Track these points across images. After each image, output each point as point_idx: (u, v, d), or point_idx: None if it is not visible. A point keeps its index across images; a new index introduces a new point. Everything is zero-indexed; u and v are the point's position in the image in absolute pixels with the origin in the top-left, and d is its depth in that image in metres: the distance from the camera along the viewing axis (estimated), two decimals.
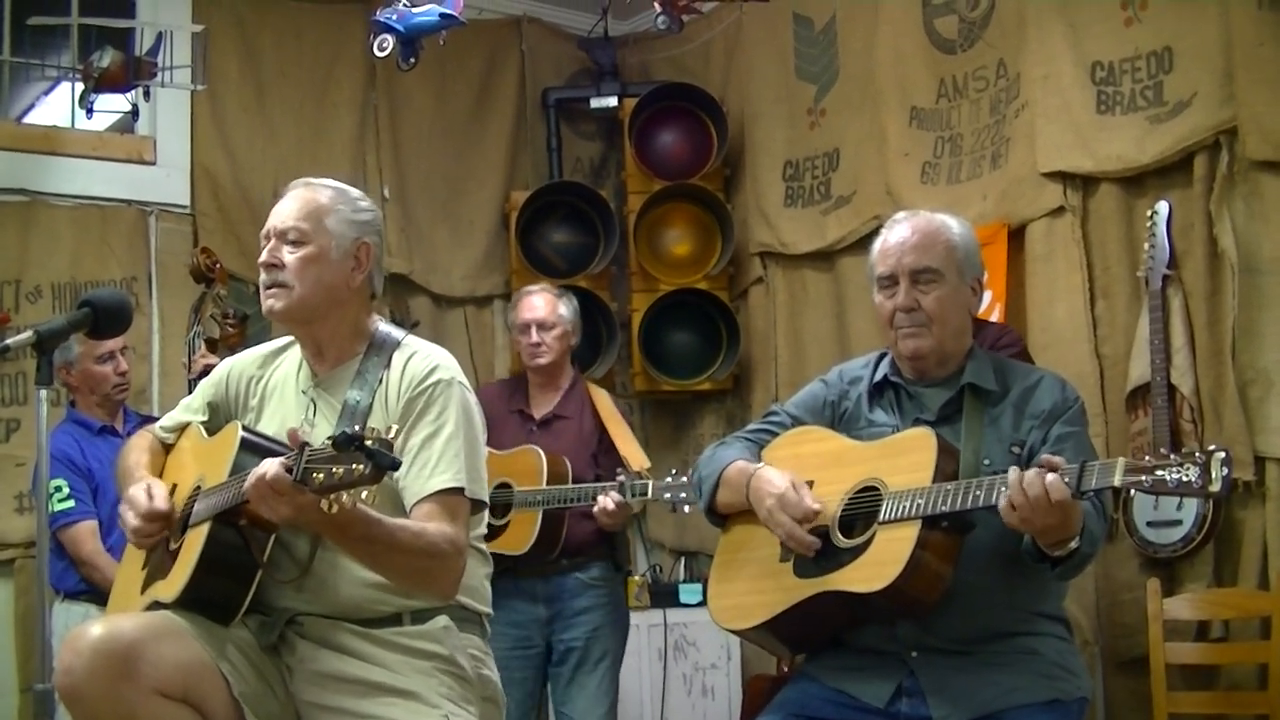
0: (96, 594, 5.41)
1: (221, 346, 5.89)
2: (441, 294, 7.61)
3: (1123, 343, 5.69)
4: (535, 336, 5.83)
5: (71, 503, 5.49)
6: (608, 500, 5.40)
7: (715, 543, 7.26)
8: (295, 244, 3.55)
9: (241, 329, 6.03)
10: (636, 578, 7.23)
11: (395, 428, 2.93)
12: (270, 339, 6.85)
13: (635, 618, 6.54)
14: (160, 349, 6.74)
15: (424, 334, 3.78)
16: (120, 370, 5.74)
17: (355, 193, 3.71)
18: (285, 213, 3.61)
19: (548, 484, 5.56)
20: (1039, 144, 5.98)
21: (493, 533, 5.38)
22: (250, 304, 6.62)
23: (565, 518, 5.60)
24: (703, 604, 6.99)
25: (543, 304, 5.88)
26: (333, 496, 2.86)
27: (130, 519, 3.53)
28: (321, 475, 2.86)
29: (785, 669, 6.70)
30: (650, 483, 5.44)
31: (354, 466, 2.82)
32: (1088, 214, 5.88)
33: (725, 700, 7.16)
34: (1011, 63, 6.23)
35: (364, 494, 2.87)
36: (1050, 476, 3.23)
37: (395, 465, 2.86)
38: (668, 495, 5.41)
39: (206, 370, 5.50)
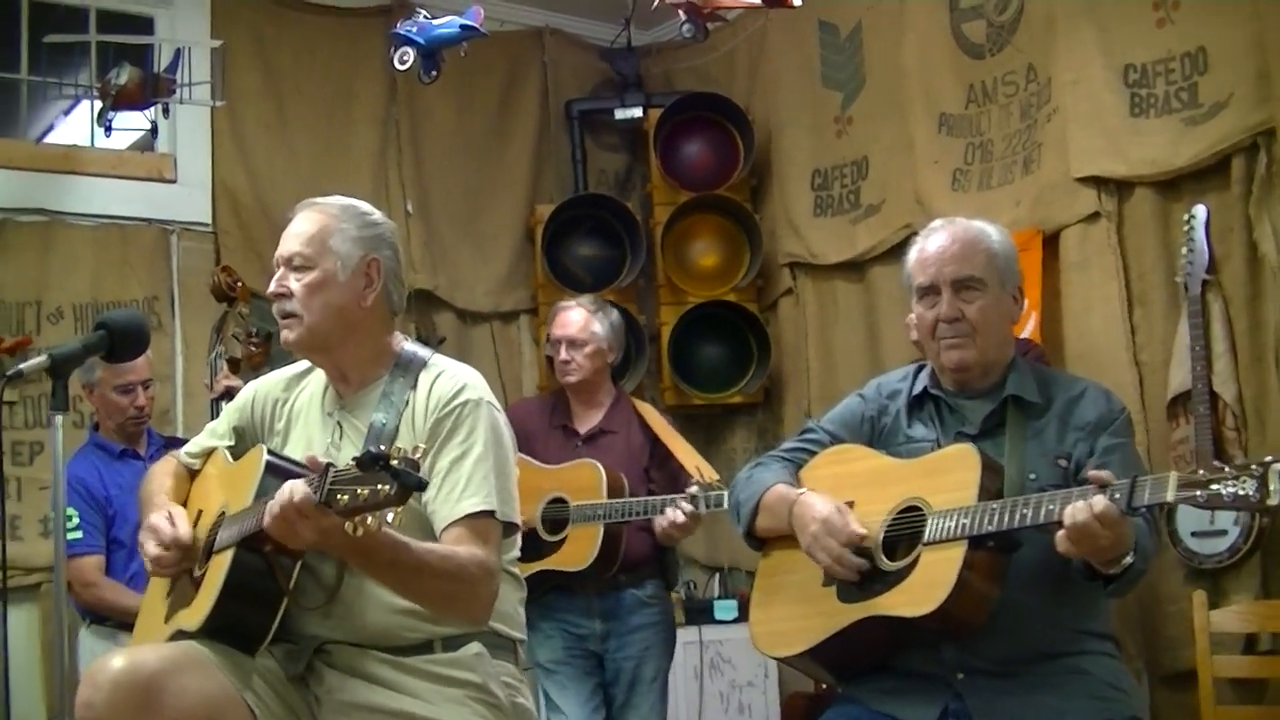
0: (122, 623, 5.30)
1: (244, 366, 5.81)
2: (466, 309, 7.52)
3: (1161, 350, 5.58)
4: (565, 354, 5.72)
5: (79, 534, 5.40)
6: (677, 513, 5.27)
7: (749, 559, 7.36)
8: (300, 270, 3.48)
9: (265, 348, 5.92)
10: (672, 595, 7.09)
11: (421, 446, 2.85)
12: (294, 359, 6.92)
13: None
14: (183, 369, 6.67)
15: (449, 350, 3.69)
16: (137, 404, 5.62)
17: (363, 207, 3.62)
18: (290, 239, 3.53)
19: (608, 498, 5.44)
20: (1071, 149, 5.88)
21: (549, 548, 5.38)
22: (273, 323, 6.54)
23: (624, 533, 5.47)
24: (738, 620, 7.04)
25: (575, 321, 5.75)
26: (358, 519, 2.77)
27: (150, 547, 3.45)
28: (346, 497, 2.77)
29: (824, 687, 6.65)
30: (725, 493, 5.21)
31: (379, 487, 2.73)
32: (1123, 219, 5.77)
33: (763, 718, 7.08)
34: (1041, 67, 6.13)
35: (390, 516, 2.76)
36: (1098, 500, 3.13)
37: (422, 485, 2.77)
38: None
39: (229, 391, 5.50)
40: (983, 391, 3.79)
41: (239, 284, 5.88)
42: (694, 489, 5.31)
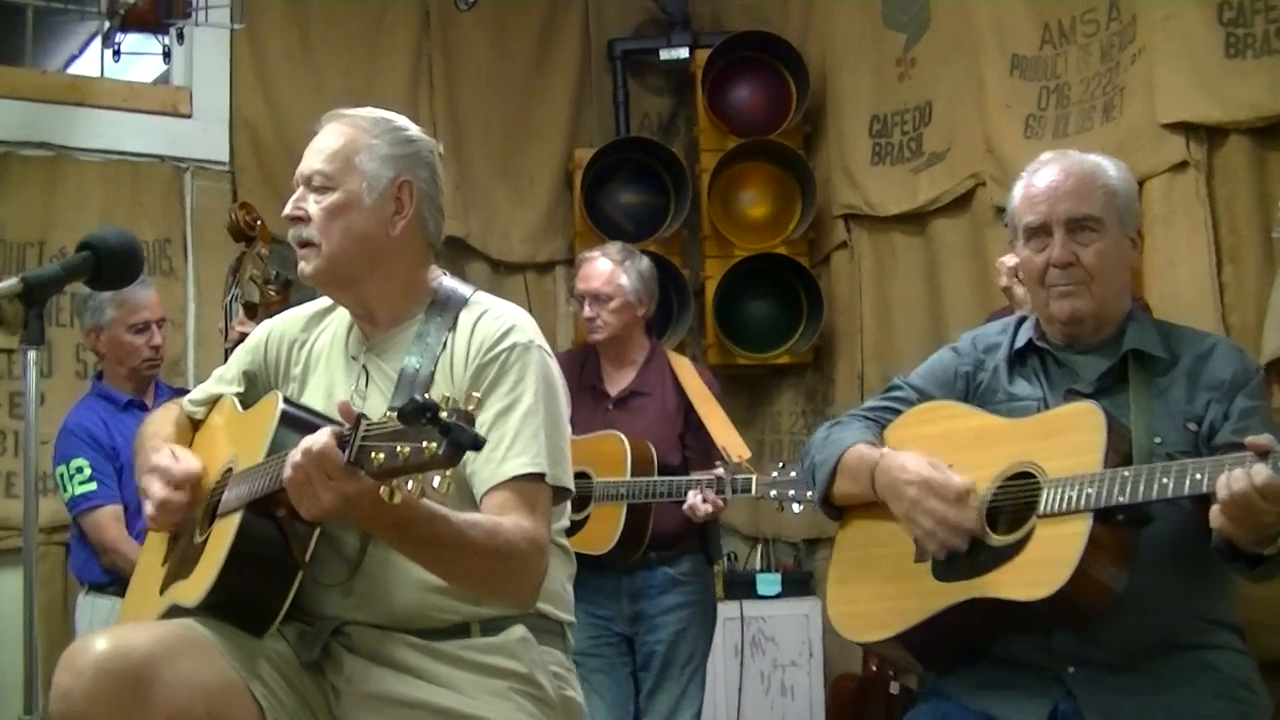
0: (123, 586, 4.92)
1: (261, 312, 5.44)
2: (500, 259, 7.26)
3: (1253, 311, 5.26)
4: (589, 310, 5.38)
5: (94, 485, 5.09)
6: (701, 501, 4.97)
7: (794, 528, 7.03)
8: (320, 190, 3.04)
9: (284, 295, 5.61)
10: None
11: (476, 395, 2.37)
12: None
13: None
14: (196, 316, 6.42)
15: None
16: (153, 344, 5.34)
17: (398, 120, 3.17)
18: (311, 154, 3.09)
19: (632, 474, 5.08)
20: (1159, 92, 5.53)
21: (571, 528, 4.93)
22: (294, 268, 6.19)
23: (652, 509, 5.12)
24: (782, 595, 6.69)
25: (599, 273, 5.39)
26: (395, 483, 2.31)
27: (157, 488, 3.04)
28: (382, 455, 2.30)
29: (874, 669, 6.27)
30: (754, 478, 4.98)
31: (425, 445, 2.26)
32: (1213, 169, 5.45)
33: (806, 701, 6.79)
34: (1125, 3, 5.80)
35: (435, 481, 2.30)
36: (1260, 470, 2.69)
37: (478, 444, 2.29)
38: (774, 493, 4.95)
39: (244, 339, 5.11)
40: (1096, 345, 3.37)
41: (259, 223, 5.52)
42: (720, 471, 5.03)
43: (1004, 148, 6.19)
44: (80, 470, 5.09)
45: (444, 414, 2.25)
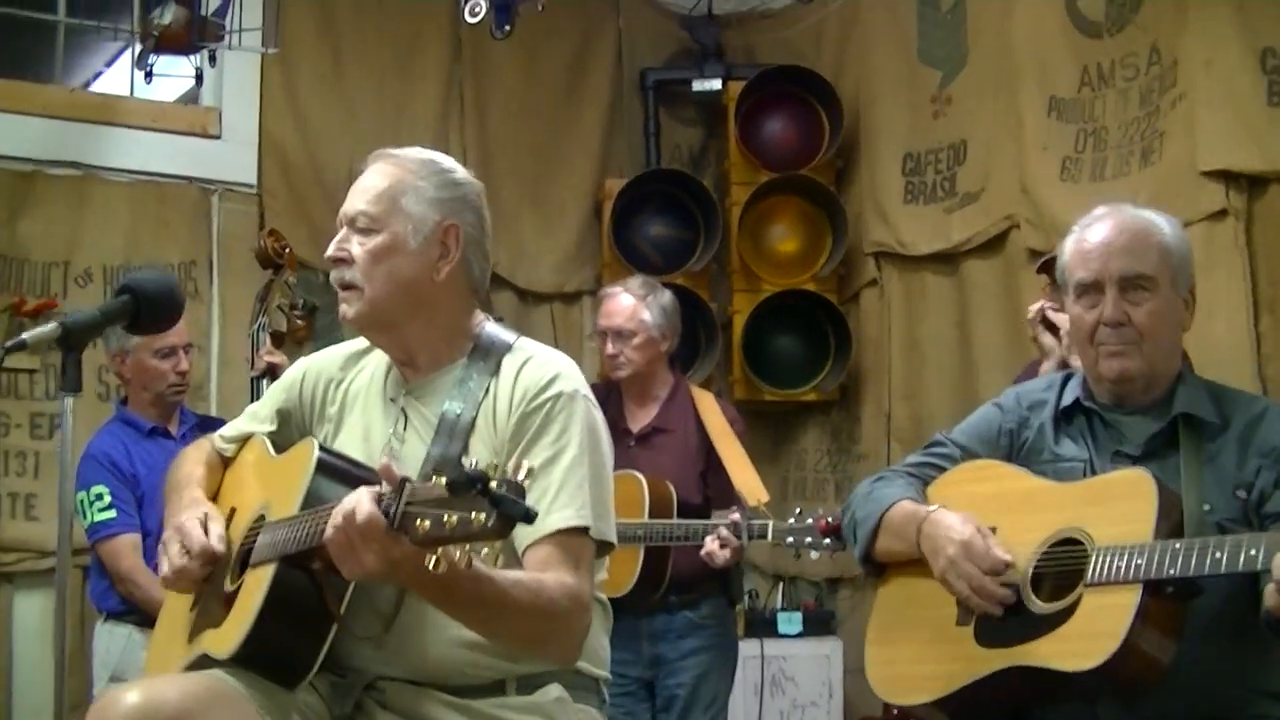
0: (141, 616, 4.94)
1: (288, 340, 5.41)
2: (527, 288, 7.20)
3: None
4: (611, 347, 5.26)
5: (113, 513, 5.02)
6: (718, 548, 4.86)
7: (817, 568, 6.96)
8: (364, 232, 2.97)
9: (310, 321, 5.60)
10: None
11: (527, 465, 2.29)
12: (344, 335, 6.48)
13: None
14: (220, 341, 6.34)
15: None
16: (180, 369, 5.25)
17: (445, 162, 3.11)
18: (356, 194, 3.03)
19: (650, 515, 5.00)
20: (1199, 139, 5.49)
21: None
22: (320, 294, 6.16)
23: (670, 552, 5.04)
24: (803, 635, 6.62)
25: (621, 309, 5.28)
26: (441, 551, 2.24)
27: (174, 553, 2.95)
28: (427, 523, 2.23)
29: (895, 711, 6.19)
30: (770, 524, 4.89)
31: (473, 515, 2.19)
32: (1253, 218, 5.43)
33: None
34: (1167, 48, 5.74)
35: (484, 551, 2.23)
36: None
37: (530, 517, 2.23)
38: (790, 540, 4.88)
39: (270, 369, 5.15)
40: (1145, 407, 3.29)
41: (287, 250, 5.48)
42: (735, 516, 4.92)
43: (1040, 190, 6.14)
44: (100, 497, 5.01)
45: (494, 484, 2.19)
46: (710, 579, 5.17)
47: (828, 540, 4.82)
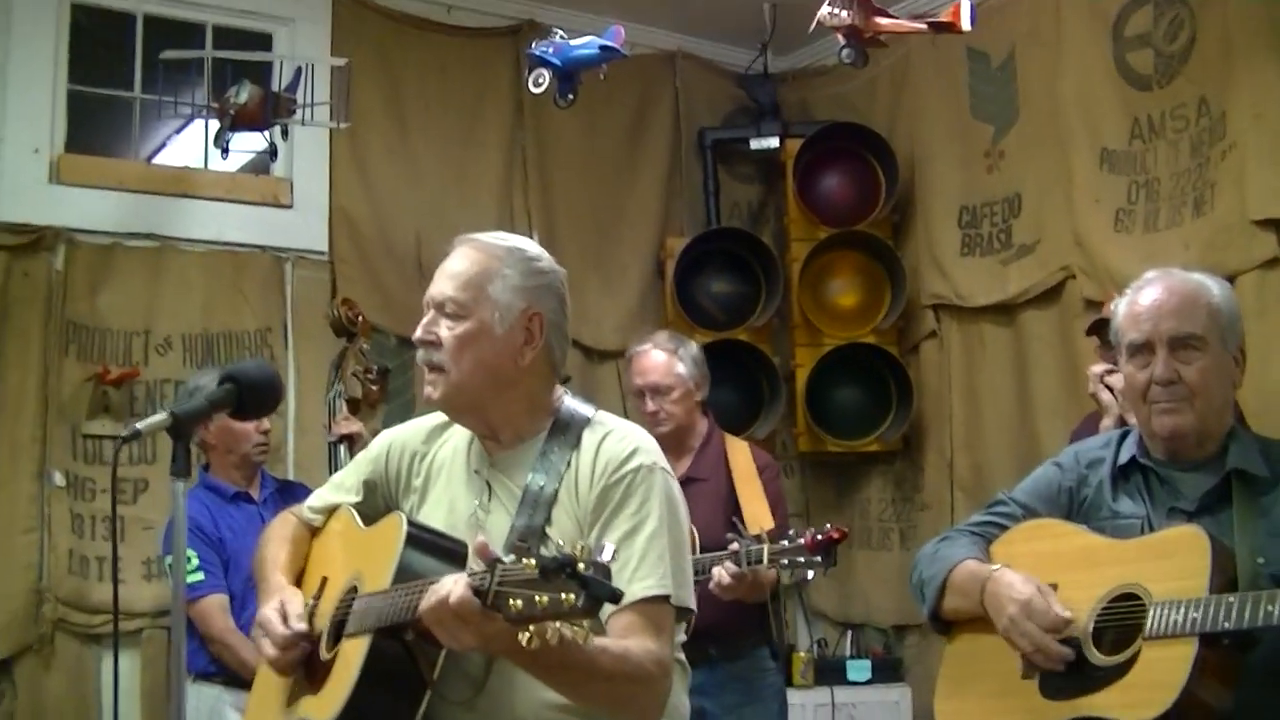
0: (230, 676, 5.05)
1: (363, 406, 5.48)
2: (593, 346, 7.25)
3: None
4: (651, 404, 5.26)
5: (201, 575, 5.08)
6: (723, 573, 4.77)
7: (884, 614, 7.03)
8: (452, 317, 3.06)
9: (383, 384, 5.66)
10: (801, 654, 6.90)
11: (609, 546, 2.42)
12: (408, 395, 6.58)
13: (799, 696, 6.31)
14: (296, 405, 6.40)
15: (573, 389, 3.30)
16: (263, 429, 5.34)
17: (531, 250, 3.18)
18: (444, 278, 3.13)
19: None
20: (1250, 188, 5.56)
21: None
22: (392, 357, 6.34)
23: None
24: (872, 682, 6.69)
25: (656, 365, 5.29)
26: (533, 628, 2.36)
27: (267, 648, 3.08)
28: (520, 602, 2.34)
29: None
30: (765, 548, 4.78)
31: (563, 596, 2.30)
32: None
33: None
34: (1216, 100, 5.81)
35: (571, 629, 2.35)
36: None
37: (616, 598, 2.35)
38: (785, 562, 4.76)
39: (347, 436, 5.25)
40: (1199, 463, 3.38)
41: (360, 318, 5.58)
42: (735, 545, 4.82)
43: (1093, 241, 6.19)
44: (189, 560, 5.02)
45: (582, 566, 2.29)
46: (752, 630, 5.15)
47: (817, 558, 4.72)
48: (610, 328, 7.27)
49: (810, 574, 4.76)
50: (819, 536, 4.76)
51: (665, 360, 5.29)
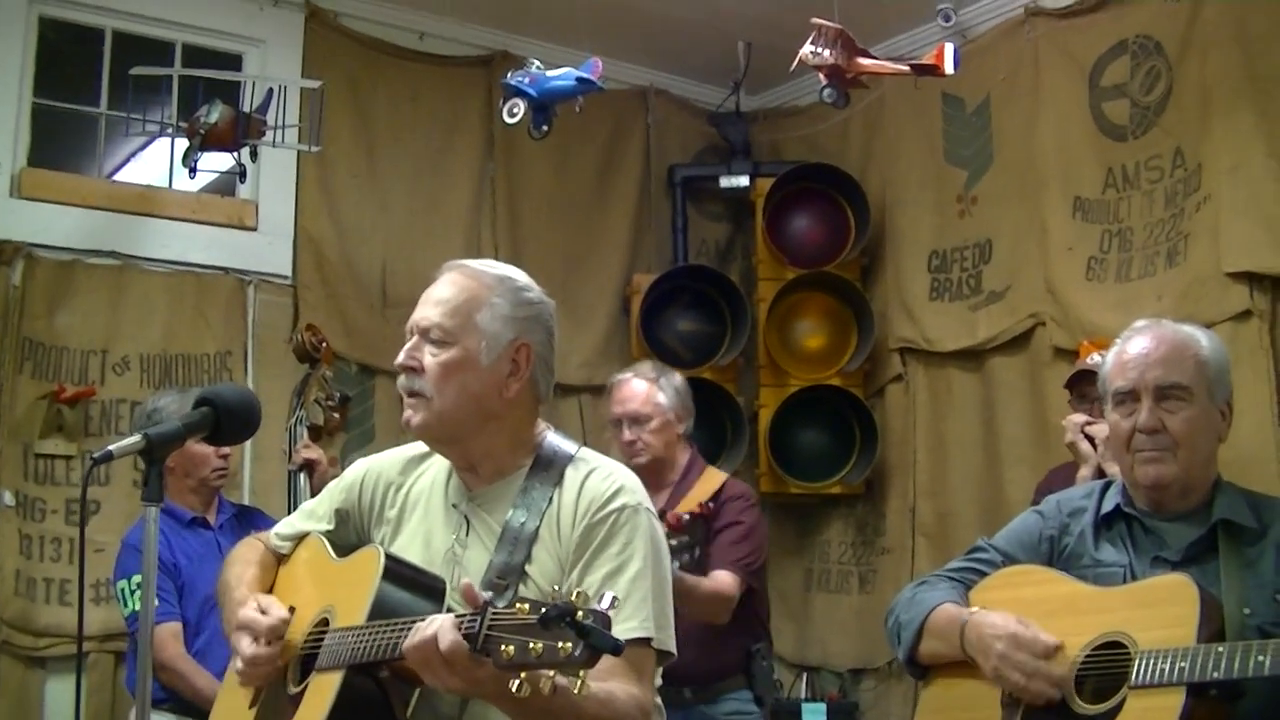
0: (178, 702, 4.92)
1: (324, 434, 5.40)
2: (556, 381, 7.01)
3: None
4: (628, 433, 5.16)
5: (154, 601, 4.92)
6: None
7: (840, 658, 6.98)
8: (437, 344, 2.98)
9: (344, 412, 5.57)
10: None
11: (613, 596, 2.33)
12: (369, 424, 6.50)
13: None
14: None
15: None
16: (223, 454, 5.24)
17: (520, 280, 3.11)
18: (430, 304, 3.03)
19: None
20: (1224, 241, 5.57)
21: None
22: (352, 385, 6.23)
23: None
24: None
25: (636, 394, 5.19)
26: (525, 675, 2.27)
27: (245, 645, 2.97)
28: (512, 649, 2.26)
29: None
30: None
31: (560, 645, 2.22)
32: (1277, 319, 5.49)
33: None
34: (1191, 152, 5.83)
35: (565, 678, 2.27)
36: None
37: (618, 650, 2.26)
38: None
39: (307, 463, 5.15)
40: (1184, 514, 3.35)
41: (324, 344, 5.49)
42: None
43: (1065, 289, 6.18)
44: (141, 586, 5.00)
45: (580, 614, 2.22)
46: (733, 673, 5.01)
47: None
48: (576, 363, 7.20)
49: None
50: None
51: (646, 389, 5.19)
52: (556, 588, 2.31)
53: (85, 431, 5.98)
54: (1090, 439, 4.55)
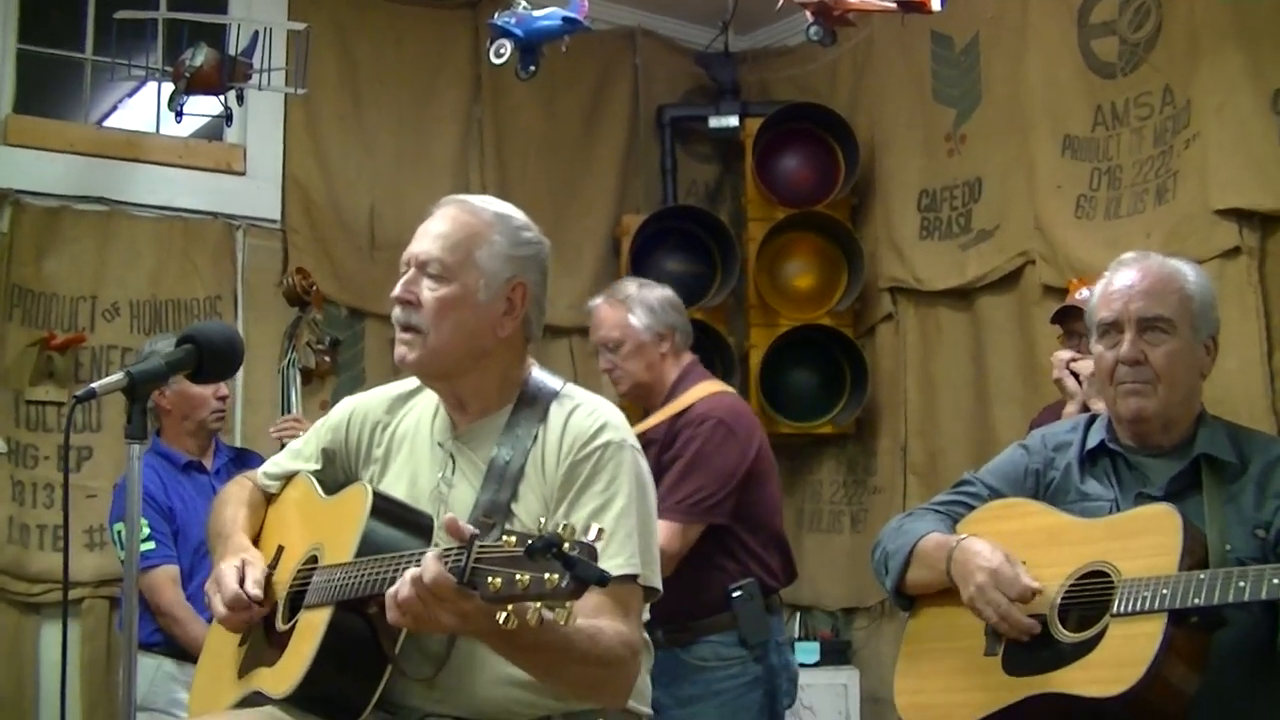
0: (172, 647, 4.97)
1: (314, 378, 5.39)
2: (546, 323, 7.01)
3: None
4: (604, 361, 4.90)
5: (151, 544, 4.95)
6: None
7: (832, 598, 7.00)
8: (436, 279, 2.97)
9: (334, 355, 5.56)
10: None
11: (596, 527, 2.33)
12: (359, 368, 6.51)
13: None
14: (245, 374, 6.21)
15: None
16: (220, 395, 5.24)
17: (518, 219, 3.10)
18: (429, 238, 3.02)
19: None
20: (1212, 178, 5.53)
21: None
22: (342, 328, 6.23)
23: None
24: (820, 664, 6.62)
25: (604, 319, 4.90)
26: (511, 608, 2.28)
27: (216, 605, 3.00)
28: (499, 580, 2.26)
29: None
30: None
31: (546, 576, 2.23)
32: (1265, 256, 5.46)
33: None
34: (1180, 89, 5.78)
35: (552, 610, 2.28)
36: None
37: (604, 581, 2.28)
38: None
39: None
40: (1167, 449, 3.38)
41: (314, 288, 5.49)
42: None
43: (1054, 227, 6.15)
44: (141, 528, 4.99)
45: (568, 546, 2.22)
46: (710, 615, 4.61)
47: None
48: (564, 305, 7.05)
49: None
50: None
51: (613, 313, 4.88)
52: (543, 520, 2.31)
53: (76, 378, 5.95)
54: (1075, 375, 4.56)
